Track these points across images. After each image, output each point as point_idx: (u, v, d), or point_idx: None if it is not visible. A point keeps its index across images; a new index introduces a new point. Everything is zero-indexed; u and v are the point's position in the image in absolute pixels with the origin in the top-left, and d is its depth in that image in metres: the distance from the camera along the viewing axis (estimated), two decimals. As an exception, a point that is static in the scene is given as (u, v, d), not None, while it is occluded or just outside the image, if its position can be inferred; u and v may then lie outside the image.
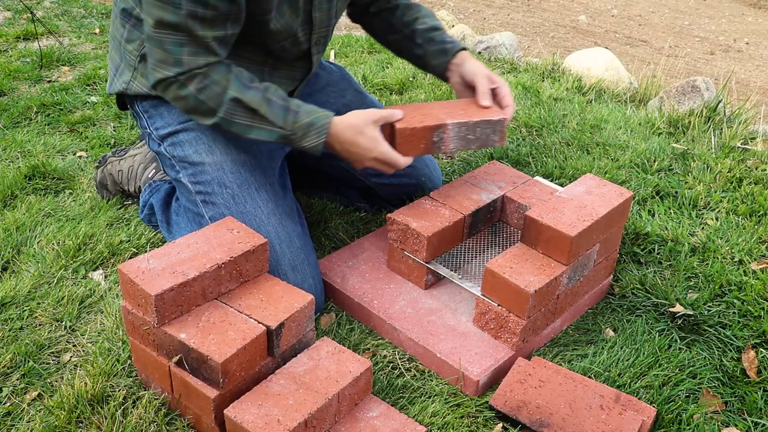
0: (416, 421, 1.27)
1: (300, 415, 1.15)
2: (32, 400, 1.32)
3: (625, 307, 1.64)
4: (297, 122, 1.44)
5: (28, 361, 1.40)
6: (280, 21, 1.47)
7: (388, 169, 1.52)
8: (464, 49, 1.72)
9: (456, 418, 1.33)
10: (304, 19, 1.53)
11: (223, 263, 1.26)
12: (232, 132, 1.46)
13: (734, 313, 1.59)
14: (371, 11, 1.77)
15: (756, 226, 1.91)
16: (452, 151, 1.60)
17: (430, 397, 1.38)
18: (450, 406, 1.36)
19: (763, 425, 1.35)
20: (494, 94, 1.62)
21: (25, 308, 1.53)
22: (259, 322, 1.23)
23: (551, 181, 2.05)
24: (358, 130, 1.46)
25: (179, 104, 1.45)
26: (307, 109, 1.46)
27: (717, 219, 1.95)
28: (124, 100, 1.69)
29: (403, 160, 1.50)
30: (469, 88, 1.66)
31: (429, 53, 1.73)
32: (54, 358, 1.42)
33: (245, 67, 1.53)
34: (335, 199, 1.94)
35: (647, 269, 1.74)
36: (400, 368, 1.45)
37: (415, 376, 1.44)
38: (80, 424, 1.26)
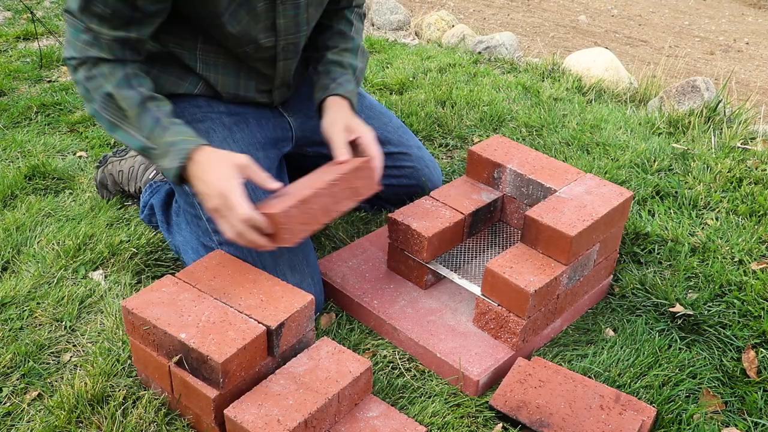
0: (416, 421, 1.27)
1: (300, 415, 1.15)
2: (32, 400, 1.32)
3: (625, 307, 1.64)
4: (164, 138, 1.34)
5: (28, 361, 1.40)
6: (236, 26, 1.45)
7: (225, 215, 1.30)
8: (345, 97, 1.58)
9: (456, 418, 1.33)
10: (267, 26, 1.49)
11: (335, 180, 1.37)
12: (103, 127, 1.42)
13: (734, 313, 1.59)
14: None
15: (756, 226, 1.91)
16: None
17: (430, 397, 1.38)
18: (450, 406, 1.36)
19: (763, 425, 1.35)
20: (356, 144, 1.51)
21: (25, 308, 1.53)
22: (259, 322, 1.23)
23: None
24: (218, 164, 1.31)
25: (76, 89, 1.43)
26: (180, 129, 1.36)
27: (717, 219, 1.95)
28: None
29: (244, 210, 1.27)
30: (324, 136, 1.54)
31: (317, 83, 1.63)
32: (54, 358, 1.43)
33: (224, 62, 1.54)
34: (335, 199, 1.94)
35: (647, 269, 1.74)
36: (400, 368, 1.45)
37: (415, 376, 1.44)
38: (80, 424, 1.26)
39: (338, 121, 1.52)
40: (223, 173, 1.30)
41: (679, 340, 1.54)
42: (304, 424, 1.15)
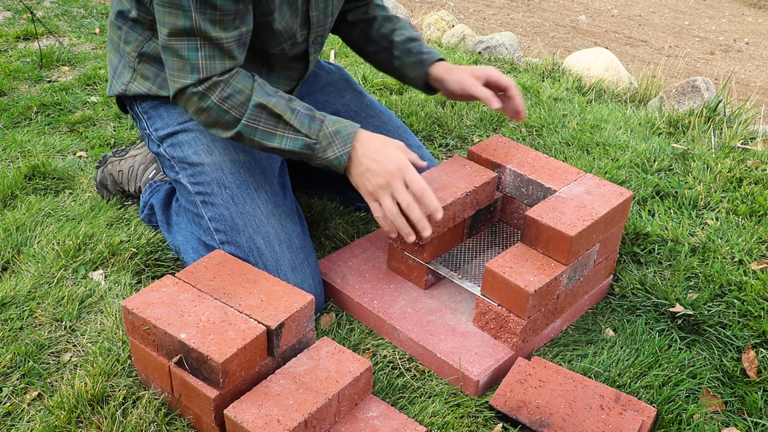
0: (416, 421, 1.27)
1: (300, 415, 1.15)
2: (32, 400, 1.32)
3: (625, 307, 1.64)
4: (322, 130, 1.40)
5: (28, 361, 1.40)
6: (282, 22, 1.48)
7: (396, 188, 1.38)
8: (442, 59, 1.69)
9: (456, 418, 1.33)
10: (302, 19, 1.53)
11: (467, 192, 1.55)
12: (255, 141, 1.41)
13: (734, 313, 1.59)
14: (348, 20, 1.76)
15: (756, 226, 1.91)
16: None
17: (430, 397, 1.38)
18: (450, 406, 1.36)
19: (763, 425, 1.35)
20: (498, 90, 1.61)
21: (25, 308, 1.53)
22: (259, 322, 1.23)
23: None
24: (387, 143, 1.41)
25: (201, 118, 1.42)
26: (332, 118, 1.43)
27: (717, 219, 1.95)
28: (125, 103, 1.69)
29: (423, 181, 1.39)
30: (463, 96, 1.64)
31: (405, 65, 1.70)
32: (54, 358, 1.43)
33: (248, 66, 1.53)
34: (335, 199, 1.94)
35: (647, 269, 1.74)
36: (400, 368, 1.45)
37: (415, 376, 1.44)
38: (80, 424, 1.26)
39: (464, 77, 1.60)
40: (395, 150, 1.39)
41: (679, 340, 1.54)
42: (304, 424, 1.15)
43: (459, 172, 1.63)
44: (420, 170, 1.60)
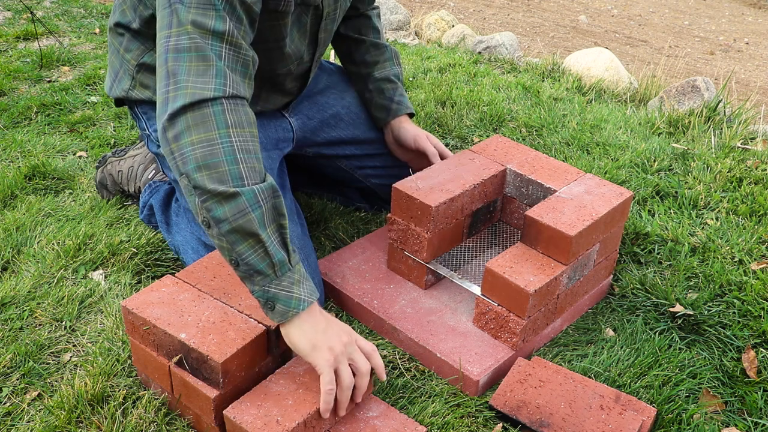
0: (416, 421, 1.27)
1: (299, 416, 1.15)
2: (32, 400, 1.32)
3: (625, 307, 1.64)
4: (299, 264, 1.20)
5: (28, 361, 1.40)
6: (291, 46, 1.49)
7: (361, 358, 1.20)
8: (410, 114, 1.79)
9: (456, 418, 1.33)
10: (310, 41, 1.54)
11: (476, 185, 1.57)
12: (235, 219, 1.12)
13: (734, 313, 1.59)
14: (340, 31, 1.78)
15: (756, 226, 1.91)
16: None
17: (430, 397, 1.38)
18: (450, 406, 1.36)
19: (763, 425, 1.35)
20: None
21: (25, 308, 1.53)
22: (259, 322, 1.23)
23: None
24: (334, 322, 1.21)
25: (197, 149, 1.12)
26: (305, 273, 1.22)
27: (717, 219, 1.95)
28: (124, 102, 1.69)
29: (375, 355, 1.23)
30: (404, 149, 1.78)
31: (374, 104, 1.78)
32: (54, 358, 1.42)
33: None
34: (335, 199, 1.94)
35: (647, 269, 1.74)
36: (400, 368, 1.45)
37: (415, 376, 1.44)
38: (80, 424, 1.26)
39: (420, 134, 1.74)
40: (342, 327, 1.21)
41: (679, 340, 1.54)
42: (303, 425, 1.15)
43: (467, 165, 1.63)
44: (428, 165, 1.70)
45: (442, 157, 1.72)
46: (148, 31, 1.51)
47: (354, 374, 1.19)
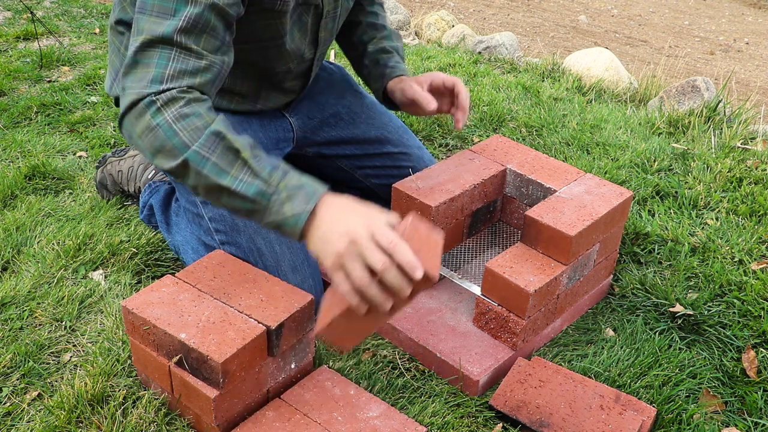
0: (416, 421, 1.27)
1: None
2: (32, 400, 1.32)
3: (625, 307, 1.64)
4: (284, 181, 1.15)
5: (28, 361, 1.40)
6: (291, 44, 1.48)
7: (364, 250, 1.05)
8: (401, 76, 1.63)
9: (456, 418, 1.33)
10: (311, 40, 1.54)
11: (475, 185, 1.57)
12: (202, 175, 1.16)
13: (734, 313, 1.59)
14: None
15: (756, 226, 1.91)
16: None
17: (430, 397, 1.38)
18: (450, 406, 1.36)
19: (763, 425, 1.35)
20: (447, 93, 1.56)
21: (25, 308, 1.53)
22: (259, 322, 1.23)
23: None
24: (356, 205, 1.13)
25: (146, 141, 1.18)
26: (298, 173, 1.18)
27: (717, 219, 1.95)
28: None
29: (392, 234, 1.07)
30: (408, 104, 1.59)
31: (372, 75, 1.68)
32: (54, 358, 1.42)
33: (242, 86, 1.54)
34: (335, 199, 1.94)
35: (647, 269, 1.74)
36: (400, 368, 1.45)
37: (415, 376, 1.44)
38: (80, 424, 1.26)
39: (406, 85, 1.56)
40: (364, 209, 1.12)
41: (679, 340, 1.54)
42: None
43: (467, 165, 1.63)
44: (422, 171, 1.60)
45: (455, 93, 1.54)
46: None
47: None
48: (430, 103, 1.51)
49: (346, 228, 1.07)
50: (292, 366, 1.32)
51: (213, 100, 1.25)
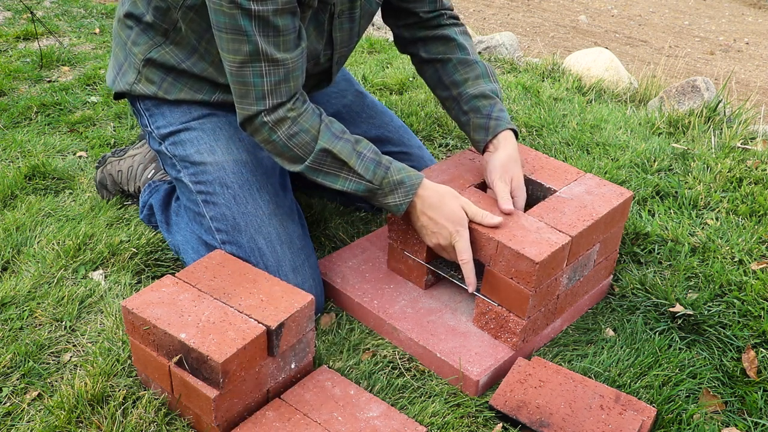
0: (416, 421, 1.27)
1: None
2: (32, 400, 1.32)
3: (625, 307, 1.64)
4: (386, 177, 1.42)
5: (28, 361, 1.40)
6: (307, 44, 1.48)
7: (459, 237, 1.41)
8: (512, 129, 1.57)
9: (456, 418, 1.33)
10: (327, 40, 1.53)
11: (476, 185, 1.57)
12: (318, 180, 1.45)
13: (734, 313, 1.59)
14: (422, 56, 1.66)
15: (756, 226, 1.91)
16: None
17: (430, 397, 1.38)
18: (450, 406, 1.36)
19: (763, 425, 1.35)
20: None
21: (25, 308, 1.53)
22: (259, 322, 1.23)
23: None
24: (446, 200, 1.42)
25: (268, 147, 1.43)
26: (397, 166, 1.44)
27: (717, 219, 1.95)
28: (126, 96, 1.69)
29: (496, 219, 1.41)
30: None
31: (472, 125, 1.59)
32: (54, 358, 1.42)
33: None
34: (335, 199, 1.94)
35: (647, 269, 1.74)
36: (400, 368, 1.45)
37: (415, 376, 1.44)
38: (80, 424, 1.26)
39: (499, 171, 1.51)
40: (452, 210, 1.41)
41: (679, 340, 1.54)
42: None
43: (467, 165, 1.63)
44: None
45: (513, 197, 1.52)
46: (161, 24, 1.50)
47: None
48: (504, 207, 1.47)
49: (439, 232, 1.42)
50: (292, 366, 1.32)
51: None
